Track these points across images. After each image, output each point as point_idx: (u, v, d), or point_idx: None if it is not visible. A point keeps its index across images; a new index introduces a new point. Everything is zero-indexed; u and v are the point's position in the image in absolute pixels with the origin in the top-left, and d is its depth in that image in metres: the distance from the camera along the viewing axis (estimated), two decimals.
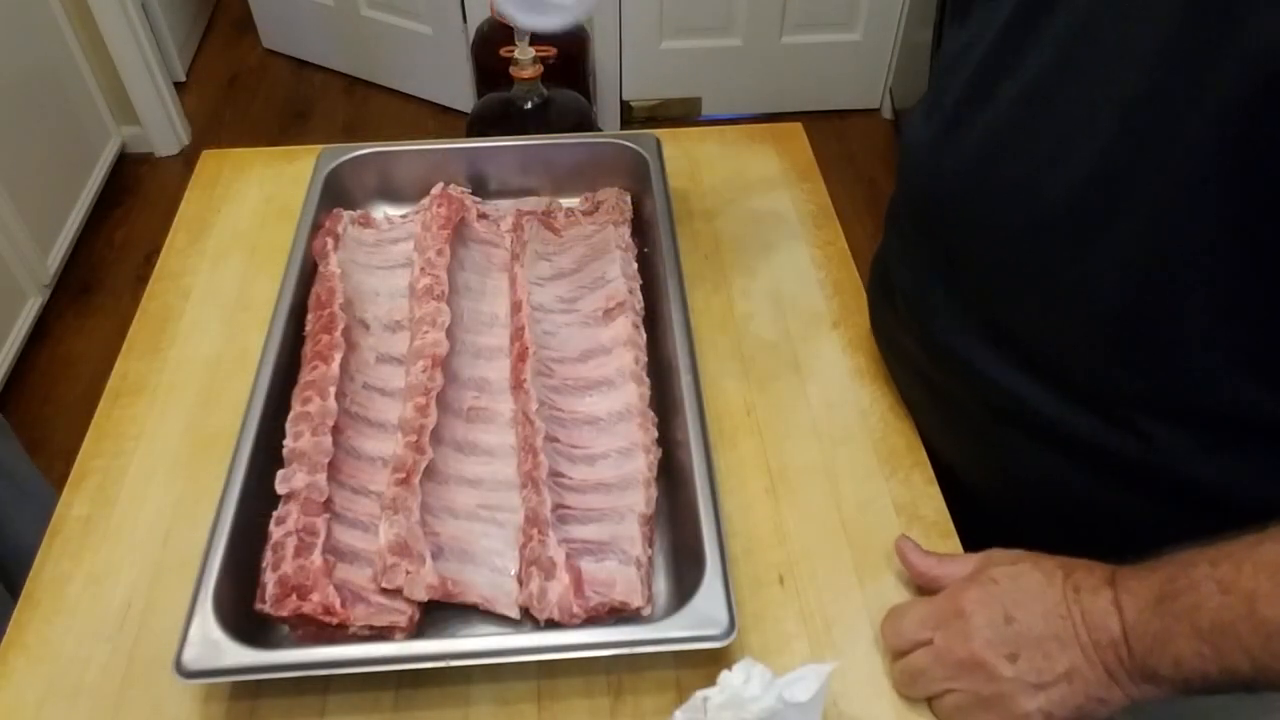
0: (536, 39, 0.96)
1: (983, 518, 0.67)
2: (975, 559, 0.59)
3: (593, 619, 0.59)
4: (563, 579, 0.60)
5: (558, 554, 0.61)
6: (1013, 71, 0.55)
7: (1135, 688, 0.51)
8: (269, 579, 0.59)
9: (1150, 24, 0.47)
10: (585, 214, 0.89)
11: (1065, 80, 0.52)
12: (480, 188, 0.91)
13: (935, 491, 0.70)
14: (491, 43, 1.46)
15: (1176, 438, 0.55)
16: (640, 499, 0.66)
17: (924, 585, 0.62)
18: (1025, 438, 0.61)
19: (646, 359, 0.75)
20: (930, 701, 0.58)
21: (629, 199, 0.89)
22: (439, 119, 2.60)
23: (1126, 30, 0.49)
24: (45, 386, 1.94)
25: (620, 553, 0.63)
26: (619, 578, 0.61)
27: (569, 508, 0.66)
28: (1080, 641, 0.52)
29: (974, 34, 0.59)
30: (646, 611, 0.61)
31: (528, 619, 0.61)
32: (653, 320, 0.78)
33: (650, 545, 0.64)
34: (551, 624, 0.59)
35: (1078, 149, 0.52)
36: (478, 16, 2.30)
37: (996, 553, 0.58)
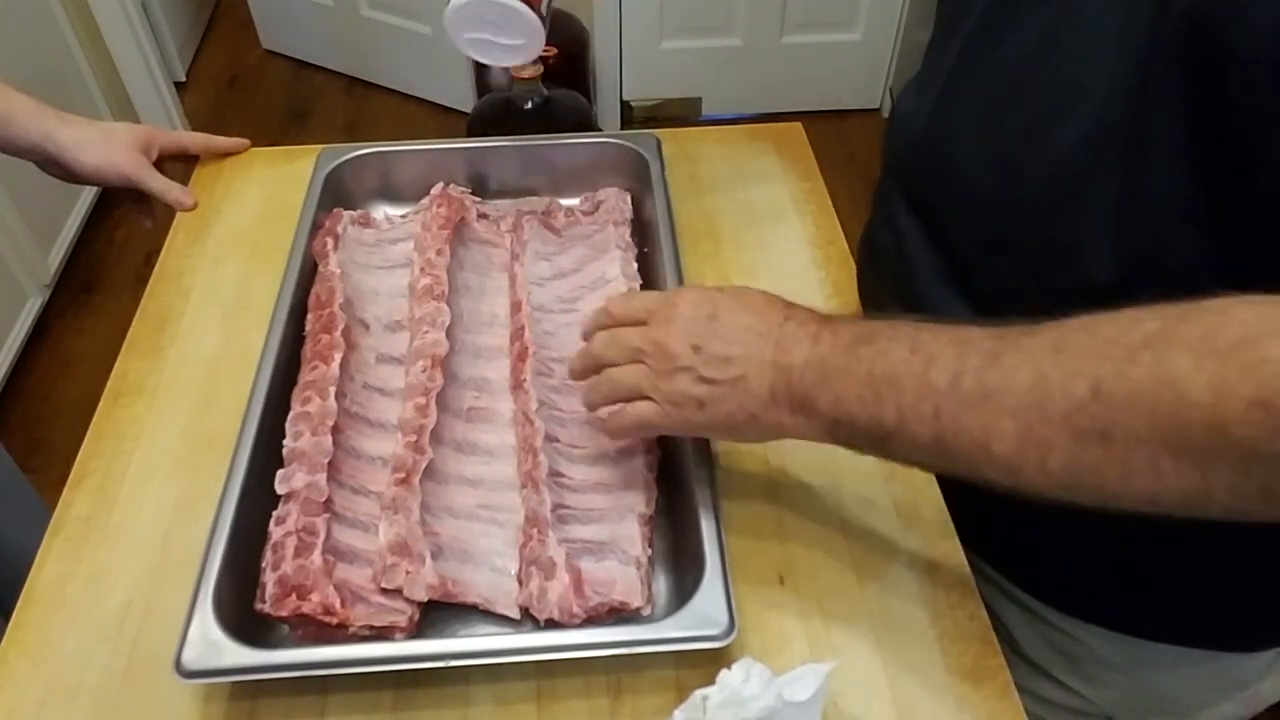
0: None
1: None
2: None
3: (592, 619, 0.59)
4: (563, 579, 0.59)
5: (558, 554, 0.61)
6: (997, 44, 0.57)
7: (789, 416, 0.54)
8: (269, 579, 0.59)
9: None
10: (585, 214, 0.89)
11: (1052, 48, 0.54)
12: (480, 188, 0.91)
13: (935, 492, 0.70)
14: None
15: None
16: (640, 499, 0.66)
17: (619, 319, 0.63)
18: None
19: None
20: (605, 369, 0.60)
21: (629, 199, 0.89)
22: (439, 119, 2.60)
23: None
24: (45, 386, 1.94)
25: (620, 553, 0.63)
26: (619, 578, 0.61)
27: (569, 507, 0.66)
28: (761, 358, 0.54)
29: (960, 5, 0.62)
30: (646, 611, 0.61)
31: (527, 619, 0.61)
32: None
33: (650, 545, 0.64)
34: (551, 624, 0.59)
35: (1060, 122, 0.53)
36: None
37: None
